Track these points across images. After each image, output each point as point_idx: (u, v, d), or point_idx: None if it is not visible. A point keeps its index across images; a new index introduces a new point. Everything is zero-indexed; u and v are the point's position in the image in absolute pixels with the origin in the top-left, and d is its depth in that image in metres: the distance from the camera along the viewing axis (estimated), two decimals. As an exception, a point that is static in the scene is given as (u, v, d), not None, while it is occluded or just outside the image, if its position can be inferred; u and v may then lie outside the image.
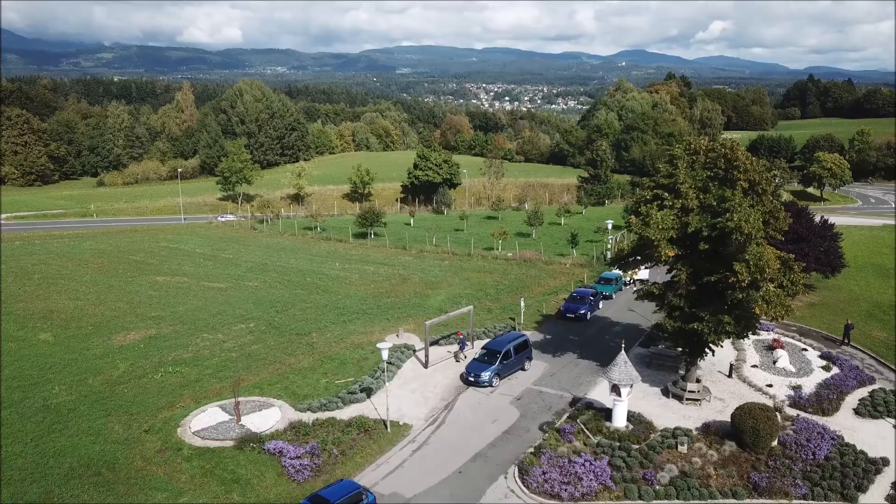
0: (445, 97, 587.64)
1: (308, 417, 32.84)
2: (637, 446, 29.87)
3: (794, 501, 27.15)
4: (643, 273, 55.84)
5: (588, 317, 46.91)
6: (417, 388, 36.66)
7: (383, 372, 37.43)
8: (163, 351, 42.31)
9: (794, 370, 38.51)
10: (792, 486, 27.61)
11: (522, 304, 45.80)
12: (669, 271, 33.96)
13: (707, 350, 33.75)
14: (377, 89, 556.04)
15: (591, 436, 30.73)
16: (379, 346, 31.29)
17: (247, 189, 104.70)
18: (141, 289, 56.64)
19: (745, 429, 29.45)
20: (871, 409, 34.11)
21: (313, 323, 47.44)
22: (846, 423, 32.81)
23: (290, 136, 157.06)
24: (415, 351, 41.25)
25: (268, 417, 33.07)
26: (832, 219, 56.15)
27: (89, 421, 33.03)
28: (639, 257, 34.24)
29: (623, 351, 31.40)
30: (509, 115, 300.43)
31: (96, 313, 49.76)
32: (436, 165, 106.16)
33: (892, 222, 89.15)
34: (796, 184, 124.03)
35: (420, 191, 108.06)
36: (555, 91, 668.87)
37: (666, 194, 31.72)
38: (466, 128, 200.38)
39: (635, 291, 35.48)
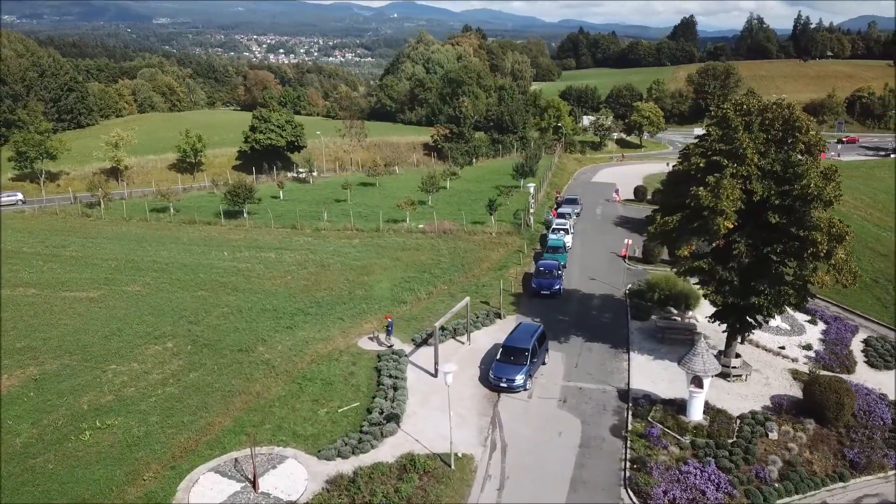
0: (214, 49, 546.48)
1: (344, 467, 25.77)
2: (731, 440, 27.35)
3: (890, 472, 26.54)
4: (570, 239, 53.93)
5: (561, 292, 43.55)
6: (442, 403, 30.57)
7: (395, 390, 31.13)
8: (66, 398, 31.68)
9: (788, 328, 38.60)
10: (884, 457, 26.98)
11: (502, 285, 41.10)
12: (711, 243, 31.42)
13: (755, 324, 31.98)
14: (134, 42, 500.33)
15: (679, 437, 27.59)
16: (443, 369, 25.20)
17: (48, 165, 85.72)
18: (-23, 311, 42.77)
19: (829, 404, 28.20)
20: (881, 360, 34.99)
21: (249, 333, 38.69)
22: (872, 378, 33.26)
23: (67, 98, 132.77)
24: (407, 356, 35.01)
25: (291, 476, 25.41)
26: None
27: (25, 525, 23.14)
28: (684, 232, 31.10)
29: (703, 339, 28.41)
30: (296, 69, 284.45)
31: (-68, 355, 36.34)
32: (278, 127, 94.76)
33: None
34: (620, 132, 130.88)
35: (260, 157, 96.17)
36: (331, 43, 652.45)
37: (725, 161, 28.79)
38: (273, 83, 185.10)
39: (674, 267, 32.54)
